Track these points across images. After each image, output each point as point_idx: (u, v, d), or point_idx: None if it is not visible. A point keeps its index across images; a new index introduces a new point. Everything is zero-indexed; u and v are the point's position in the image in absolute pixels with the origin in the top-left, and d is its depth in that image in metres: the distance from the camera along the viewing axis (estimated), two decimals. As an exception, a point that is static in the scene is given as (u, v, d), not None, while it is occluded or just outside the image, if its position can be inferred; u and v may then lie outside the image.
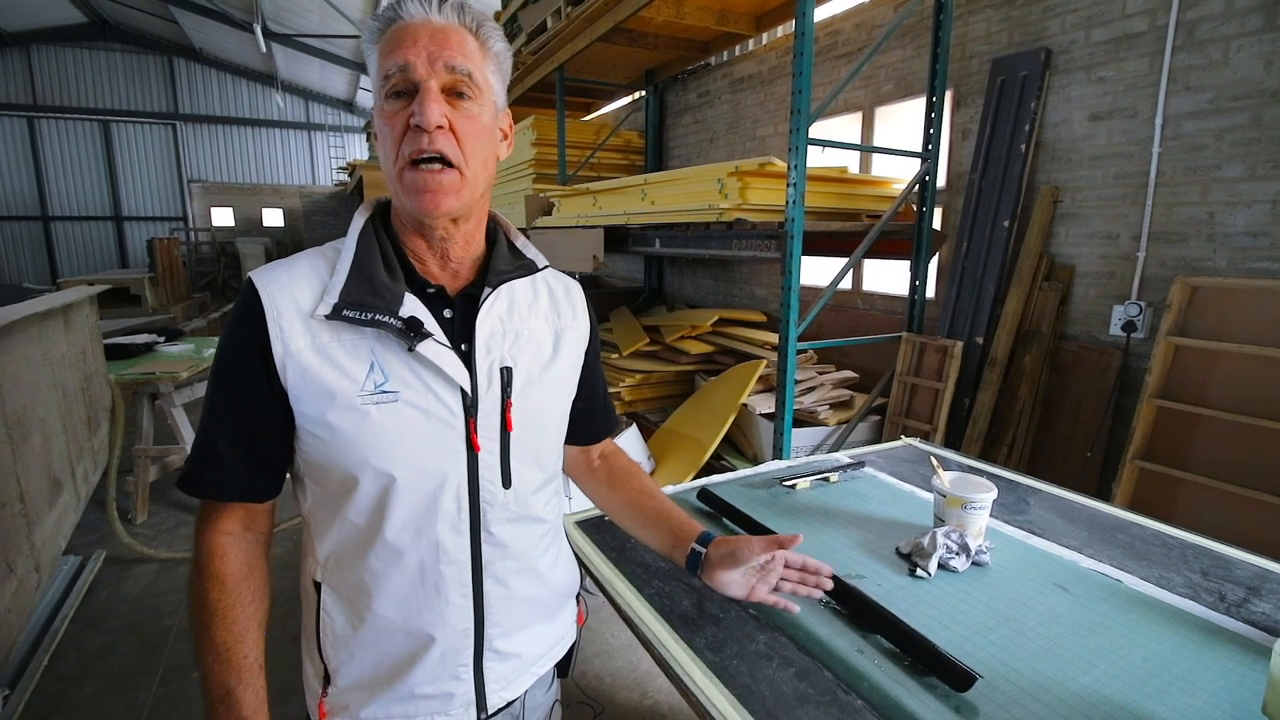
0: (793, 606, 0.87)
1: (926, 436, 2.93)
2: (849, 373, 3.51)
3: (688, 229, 3.17)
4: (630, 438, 3.30)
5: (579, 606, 1.00)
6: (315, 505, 0.78)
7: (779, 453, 2.81)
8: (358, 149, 18.83)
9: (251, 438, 0.74)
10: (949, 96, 3.16)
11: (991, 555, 1.16)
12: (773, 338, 3.78)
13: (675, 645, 0.94)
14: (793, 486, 1.49)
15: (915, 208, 3.13)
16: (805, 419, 3.23)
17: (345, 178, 15.76)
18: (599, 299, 5.67)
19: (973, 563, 1.14)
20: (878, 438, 3.24)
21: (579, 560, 1.13)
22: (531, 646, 0.87)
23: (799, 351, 2.87)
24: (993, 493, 1.18)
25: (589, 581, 1.14)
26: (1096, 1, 2.58)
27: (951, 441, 2.94)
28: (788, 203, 2.58)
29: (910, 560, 1.15)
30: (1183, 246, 2.40)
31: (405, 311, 0.73)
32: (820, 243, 3.11)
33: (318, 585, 0.79)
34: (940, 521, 1.21)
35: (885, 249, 3.24)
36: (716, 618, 1.00)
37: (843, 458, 1.70)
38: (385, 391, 0.72)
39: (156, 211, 17.25)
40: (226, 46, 16.06)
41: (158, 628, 2.47)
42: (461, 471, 0.76)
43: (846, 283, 3.90)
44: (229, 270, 13.67)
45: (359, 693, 0.79)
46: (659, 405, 4.28)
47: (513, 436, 0.79)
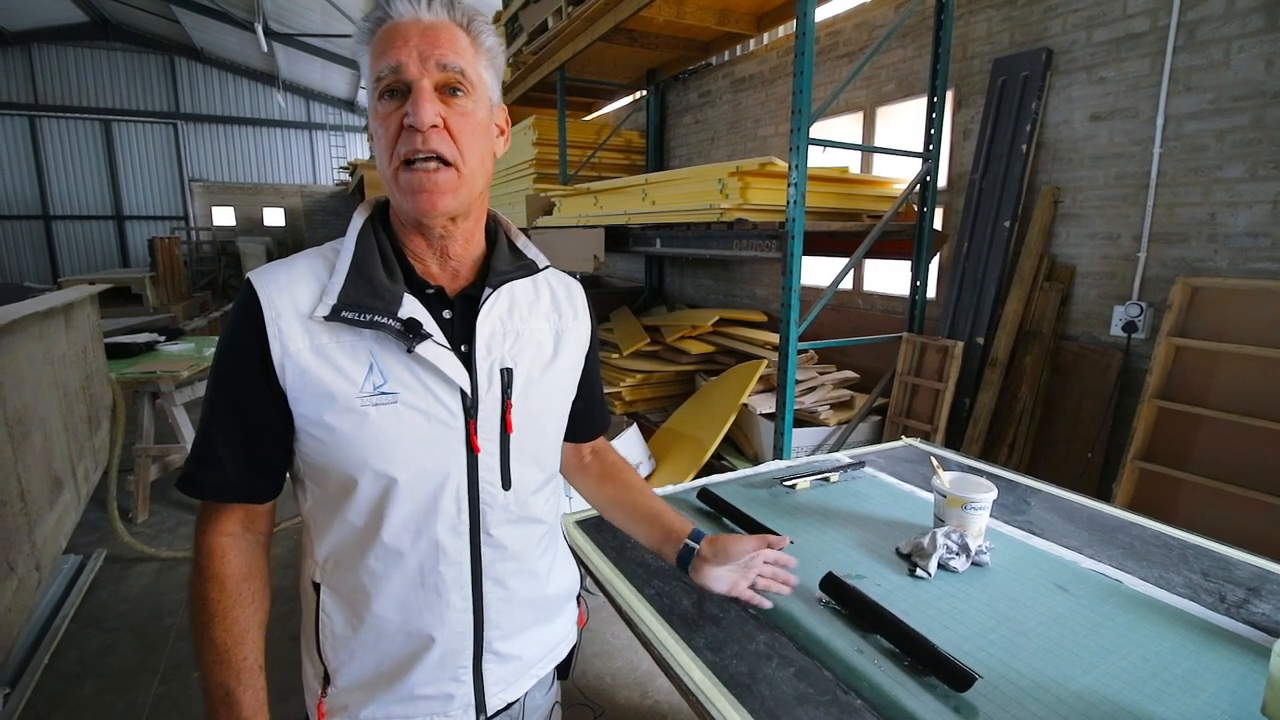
0: (765, 602, 0.93)
1: (927, 437, 2.93)
2: (849, 373, 3.51)
3: (688, 229, 3.17)
4: (631, 438, 3.30)
5: (580, 608, 1.00)
6: (315, 506, 0.78)
7: (779, 453, 2.81)
8: (359, 148, 18.83)
9: (251, 439, 0.74)
10: (950, 96, 3.16)
11: (991, 555, 1.16)
12: (773, 338, 3.78)
13: (675, 645, 0.94)
14: (793, 486, 1.49)
15: (916, 208, 3.13)
16: (806, 419, 3.23)
17: (346, 177, 15.79)
18: (600, 299, 5.68)
19: (973, 563, 1.14)
20: (878, 438, 3.24)
21: (579, 560, 1.13)
22: (531, 649, 0.87)
23: (800, 351, 2.87)
24: (993, 493, 1.18)
25: (589, 581, 1.14)
26: (1098, 2, 2.58)
27: (952, 442, 2.94)
28: (789, 203, 2.59)
29: (910, 560, 1.16)
30: (1184, 247, 2.40)
31: (404, 313, 0.72)
32: (821, 243, 3.11)
33: (317, 586, 0.79)
34: (940, 521, 1.21)
35: (886, 249, 3.25)
36: (716, 617, 1.00)
37: (843, 458, 1.70)
38: (384, 393, 0.71)
39: (157, 211, 17.27)
40: (228, 46, 16.08)
41: (158, 627, 2.47)
42: (461, 473, 0.75)
43: (847, 283, 3.90)
44: (230, 270, 13.68)
45: (358, 693, 0.79)
46: (660, 405, 4.28)
47: (513, 438, 0.78)
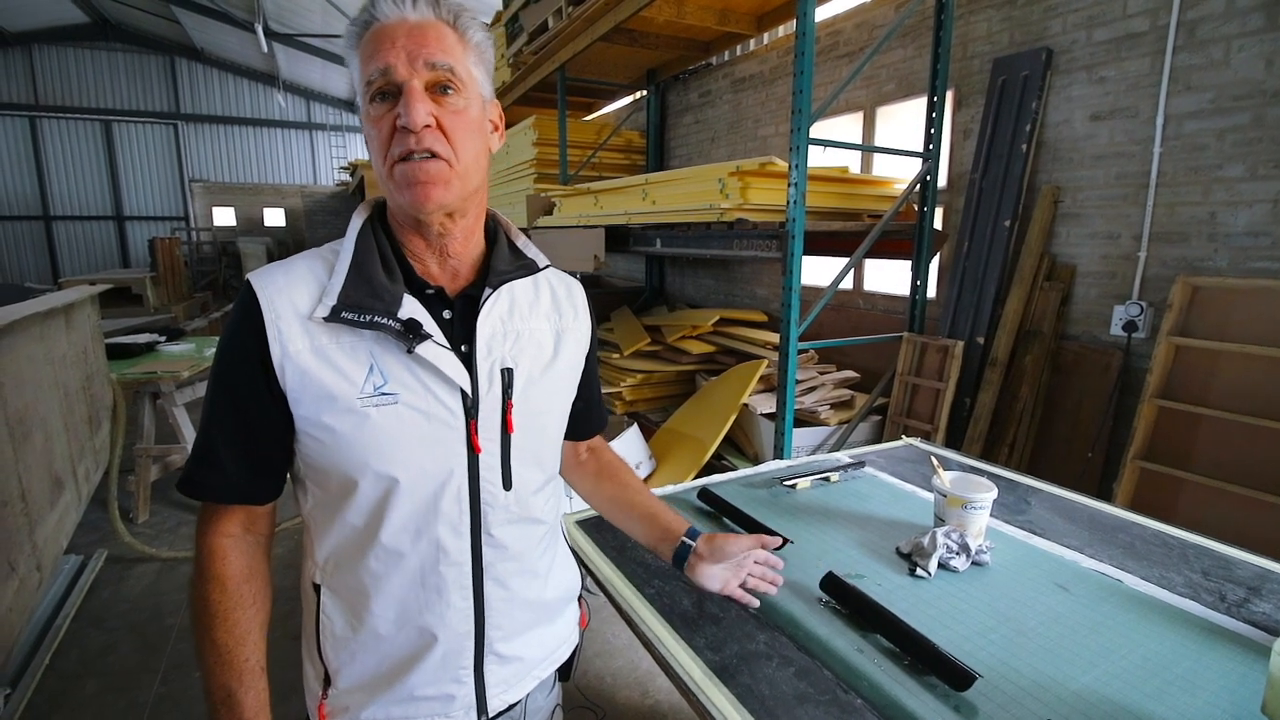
0: (753, 601, 0.93)
1: (927, 436, 2.92)
2: (850, 373, 3.51)
3: (689, 229, 3.17)
4: (631, 437, 3.30)
5: (581, 609, 1.00)
6: (315, 507, 0.78)
7: (780, 452, 2.81)
8: (359, 148, 18.82)
9: (251, 440, 0.74)
10: (950, 96, 3.15)
11: (992, 555, 1.16)
12: (774, 338, 3.78)
13: (675, 645, 0.94)
14: (793, 486, 1.49)
15: (916, 208, 3.13)
16: (806, 419, 3.23)
17: (347, 177, 15.79)
18: (600, 299, 5.68)
19: (973, 562, 1.14)
20: (878, 437, 3.24)
21: (579, 560, 1.13)
22: (533, 650, 0.87)
23: (800, 351, 2.87)
24: (993, 492, 1.18)
25: (589, 581, 1.14)
26: (1098, 1, 2.58)
27: (952, 441, 2.94)
28: (789, 202, 2.59)
29: (910, 560, 1.16)
30: (1184, 246, 2.40)
31: (404, 313, 0.72)
32: (821, 242, 3.11)
33: (317, 587, 0.79)
34: (940, 521, 1.21)
35: (886, 249, 3.25)
36: (716, 617, 1.00)
37: (843, 457, 1.70)
38: (385, 394, 0.71)
39: (158, 211, 17.27)
40: (228, 46, 16.08)
41: (159, 627, 2.47)
42: (462, 473, 0.75)
43: (847, 283, 3.90)
44: (230, 270, 13.70)
45: (359, 694, 0.79)
46: (660, 405, 4.28)
47: (513, 438, 0.78)
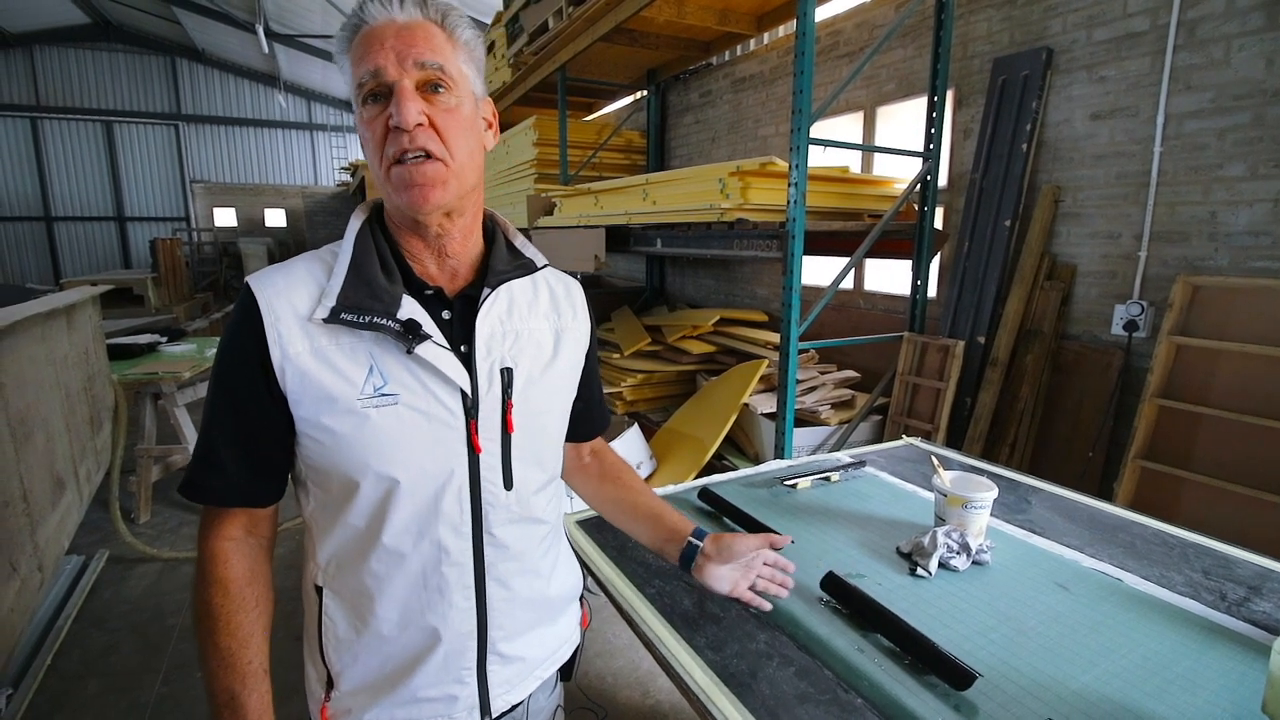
0: (765, 604, 0.93)
1: (928, 436, 2.92)
2: (850, 372, 3.51)
3: (689, 229, 3.17)
4: (632, 437, 3.30)
5: (582, 609, 1.00)
6: (317, 509, 0.78)
7: (780, 452, 2.81)
8: (359, 149, 18.78)
9: (252, 443, 0.74)
10: (950, 96, 3.15)
11: (992, 554, 1.16)
12: (774, 337, 3.78)
13: (676, 644, 0.94)
14: (794, 486, 1.49)
15: (916, 207, 3.13)
16: (807, 419, 3.23)
17: (347, 178, 15.81)
18: (600, 299, 5.68)
19: (973, 562, 1.14)
20: (879, 437, 3.24)
21: (580, 560, 1.13)
22: (535, 650, 0.87)
23: (800, 351, 2.87)
24: (993, 492, 1.18)
25: (590, 581, 1.14)
26: (1098, 1, 2.58)
27: (953, 441, 2.94)
28: (789, 202, 2.59)
29: (911, 559, 1.16)
30: (1184, 246, 2.40)
31: (403, 314, 0.72)
32: (822, 242, 3.11)
33: (319, 590, 0.79)
34: (941, 521, 1.21)
35: (887, 249, 3.24)
36: (717, 617, 1.00)
37: (844, 457, 1.70)
38: (385, 394, 0.71)
39: (159, 212, 17.29)
40: (229, 47, 16.09)
41: (160, 627, 2.48)
42: (463, 473, 0.75)
43: (848, 282, 3.90)
44: (231, 270, 13.71)
45: (362, 696, 0.79)
46: (661, 405, 4.28)
47: (514, 438, 0.78)
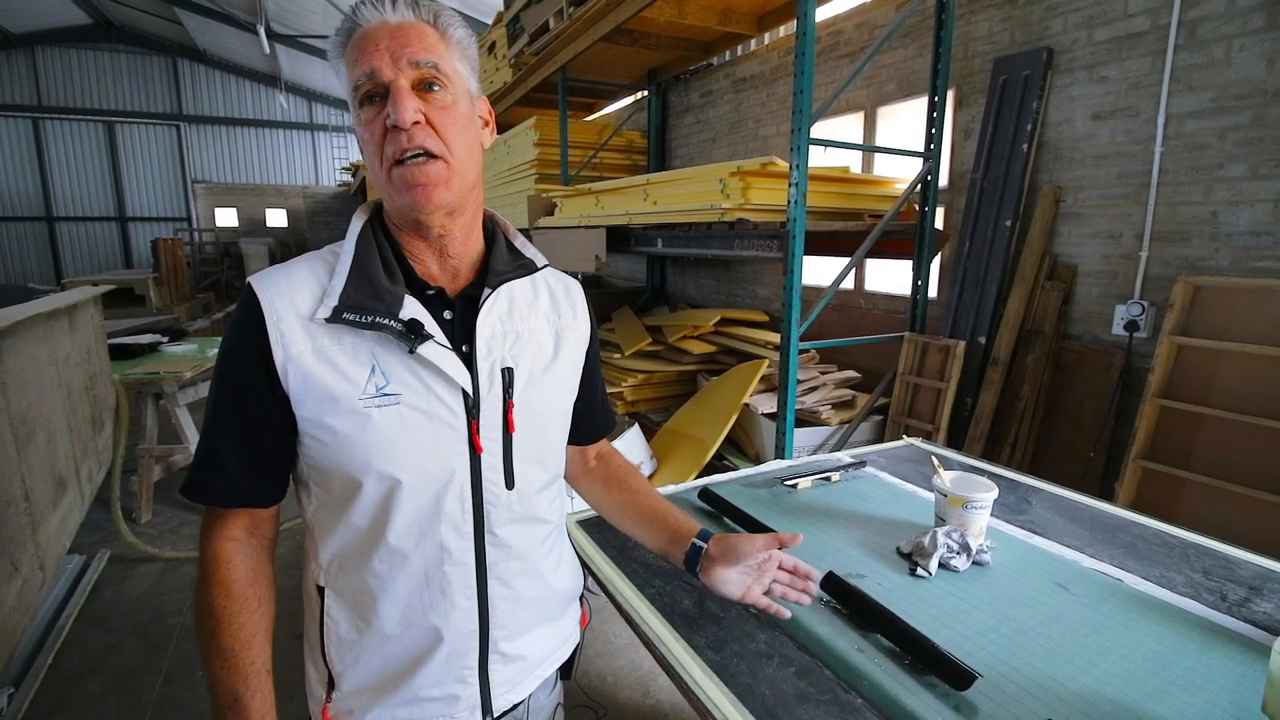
0: (784, 612, 0.86)
1: (929, 436, 2.92)
2: (851, 372, 3.51)
3: (690, 229, 3.17)
4: (632, 438, 3.30)
5: (583, 608, 1.01)
6: (318, 509, 0.78)
7: (781, 452, 2.81)
8: (360, 150, 18.86)
9: (254, 443, 0.74)
10: (951, 96, 3.15)
11: (992, 555, 1.16)
12: (775, 337, 3.78)
13: (676, 644, 0.94)
14: (794, 486, 1.49)
15: (917, 207, 3.13)
16: (807, 419, 3.23)
17: (349, 178, 15.83)
18: (601, 299, 5.68)
19: (974, 562, 1.14)
20: (880, 437, 3.24)
21: (580, 560, 1.13)
22: (536, 649, 0.87)
23: (801, 351, 2.87)
24: (994, 492, 1.18)
25: (590, 581, 1.14)
26: (1098, 1, 2.58)
27: (954, 441, 2.94)
28: (790, 202, 2.59)
29: (911, 560, 1.16)
30: (1185, 246, 2.40)
31: (405, 314, 0.73)
32: (822, 242, 3.11)
33: (321, 590, 0.79)
34: (941, 521, 1.21)
35: (887, 249, 3.24)
36: (717, 617, 1.00)
37: (844, 457, 1.70)
38: (386, 394, 0.72)
39: (160, 212, 17.32)
40: (230, 47, 16.11)
41: (162, 626, 2.48)
42: (465, 473, 0.76)
43: (849, 282, 3.90)
44: (232, 270, 13.74)
45: (364, 697, 0.79)
46: (661, 405, 4.28)
47: (515, 437, 0.79)
